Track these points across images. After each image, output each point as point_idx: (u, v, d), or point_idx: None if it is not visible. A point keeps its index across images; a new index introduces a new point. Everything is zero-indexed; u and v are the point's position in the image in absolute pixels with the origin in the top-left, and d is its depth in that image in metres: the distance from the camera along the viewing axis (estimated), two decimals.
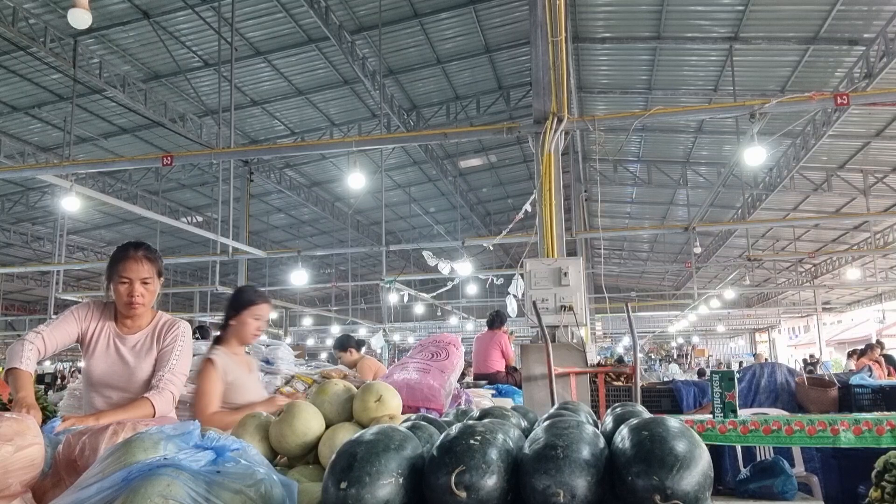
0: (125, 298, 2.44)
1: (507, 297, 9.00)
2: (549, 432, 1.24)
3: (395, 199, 18.52)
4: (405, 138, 11.53)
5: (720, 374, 5.36)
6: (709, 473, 1.15)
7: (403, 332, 27.94)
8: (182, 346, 2.52)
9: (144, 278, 2.45)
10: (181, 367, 2.49)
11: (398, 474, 1.18)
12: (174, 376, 2.44)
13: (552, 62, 6.12)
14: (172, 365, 2.45)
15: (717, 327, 30.78)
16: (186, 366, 2.54)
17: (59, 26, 9.53)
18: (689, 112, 10.20)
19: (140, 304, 2.46)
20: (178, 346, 2.50)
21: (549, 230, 5.84)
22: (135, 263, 2.44)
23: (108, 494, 1.12)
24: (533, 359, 5.20)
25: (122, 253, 2.48)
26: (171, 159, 8.36)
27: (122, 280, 2.43)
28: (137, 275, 2.43)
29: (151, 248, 2.53)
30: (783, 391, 6.61)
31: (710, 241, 21.11)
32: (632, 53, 11.44)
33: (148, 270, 2.46)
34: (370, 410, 2.17)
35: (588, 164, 16.24)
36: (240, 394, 2.83)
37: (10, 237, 18.04)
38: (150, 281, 2.47)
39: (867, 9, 9.07)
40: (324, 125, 14.12)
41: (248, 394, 2.85)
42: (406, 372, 3.34)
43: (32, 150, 13.09)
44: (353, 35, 10.80)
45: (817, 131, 11.47)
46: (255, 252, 12.87)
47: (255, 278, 24.06)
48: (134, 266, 2.43)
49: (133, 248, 2.49)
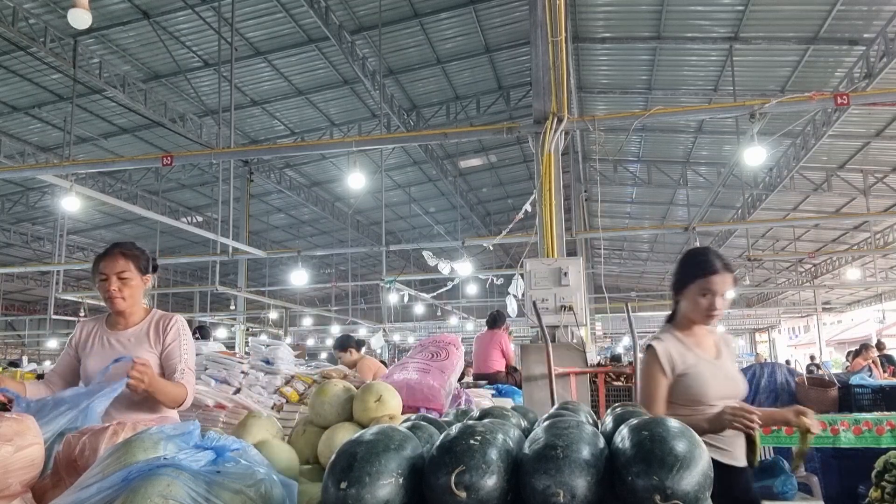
0: (105, 294, 2.52)
1: (507, 297, 8.99)
2: (549, 432, 1.24)
3: (395, 199, 18.52)
4: (405, 138, 11.53)
5: None
6: (709, 473, 1.15)
7: (403, 332, 27.94)
8: (185, 340, 2.58)
9: (119, 273, 2.50)
10: (190, 361, 2.56)
11: (398, 474, 1.18)
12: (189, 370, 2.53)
13: (552, 62, 6.12)
14: (185, 359, 2.54)
15: (717, 327, 30.78)
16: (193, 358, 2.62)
17: (59, 26, 9.53)
18: (689, 112, 10.19)
19: (118, 297, 2.51)
20: (182, 340, 2.56)
21: (549, 230, 5.84)
22: (110, 260, 2.52)
23: (108, 494, 1.12)
24: (533, 359, 5.20)
25: (101, 252, 2.60)
26: (171, 159, 8.35)
27: (100, 277, 2.51)
28: (112, 270, 2.50)
29: (129, 245, 2.59)
30: (783, 391, 6.61)
31: (710, 241, 21.07)
32: (632, 53, 11.44)
33: (123, 265, 2.52)
34: (370, 410, 2.17)
35: (588, 164, 16.24)
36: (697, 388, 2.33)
37: (10, 237, 18.05)
38: (126, 276, 2.52)
39: (867, 9, 9.07)
40: (324, 125, 14.13)
41: (711, 387, 2.33)
42: (406, 372, 3.35)
43: (32, 150, 13.09)
44: (353, 35, 10.80)
45: (817, 131, 11.47)
46: (255, 252, 12.87)
47: (256, 278, 24.10)
48: (109, 262, 2.51)
49: (111, 246, 2.59)
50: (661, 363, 2.35)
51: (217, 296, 21.94)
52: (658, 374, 2.36)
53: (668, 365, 2.35)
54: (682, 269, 2.44)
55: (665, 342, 2.40)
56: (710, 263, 2.35)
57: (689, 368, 2.34)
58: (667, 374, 2.35)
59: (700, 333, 2.46)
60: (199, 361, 4.13)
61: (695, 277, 2.37)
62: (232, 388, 3.82)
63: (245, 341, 16.78)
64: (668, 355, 2.36)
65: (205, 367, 4.04)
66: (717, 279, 2.34)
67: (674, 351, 2.37)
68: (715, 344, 2.46)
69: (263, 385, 3.82)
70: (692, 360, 2.35)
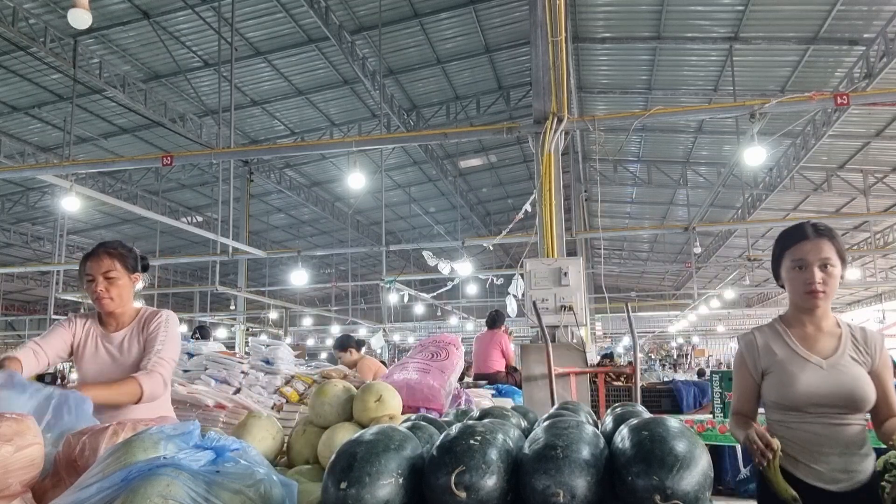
0: (93, 295, 2.49)
1: (507, 297, 8.99)
2: (549, 432, 1.24)
3: (395, 199, 18.52)
4: (405, 138, 11.53)
5: (720, 374, 5.37)
6: (709, 473, 1.15)
7: (403, 332, 27.93)
8: (167, 332, 2.52)
9: (106, 272, 2.47)
10: (168, 353, 2.48)
11: (398, 474, 1.18)
12: (161, 359, 2.44)
13: (552, 62, 6.12)
14: (158, 349, 2.46)
15: (718, 327, 30.76)
16: (174, 351, 2.53)
17: (59, 26, 9.53)
18: (689, 112, 10.19)
19: (105, 297, 2.48)
20: (161, 332, 2.51)
21: (549, 230, 5.84)
22: (95, 260, 2.49)
23: (108, 494, 1.12)
24: (533, 359, 5.20)
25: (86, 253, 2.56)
26: (171, 159, 8.35)
27: (87, 277, 2.49)
28: (98, 270, 2.47)
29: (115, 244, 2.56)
30: None
31: (710, 241, 21.11)
32: (632, 53, 11.45)
33: (109, 265, 2.49)
34: (370, 410, 2.17)
35: (588, 164, 16.25)
36: (779, 388, 1.99)
37: (10, 237, 18.05)
38: (113, 275, 2.49)
39: (867, 9, 9.07)
40: (324, 125, 14.13)
41: (797, 388, 1.95)
42: (406, 372, 3.35)
43: (32, 150, 13.09)
44: (353, 35, 10.80)
45: (817, 131, 11.47)
46: (255, 252, 12.87)
47: (256, 278, 24.10)
48: (94, 263, 2.49)
49: (96, 246, 2.55)
50: (744, 357, 2.08)
51: (217, 296, 21.93)
52: (741, 368, 2.09)
53: (751, 359, 2.06)
54: (775, 246, 2.09)
55: (758, 333, 2.10)
56: (799, 229, 2.02)
57: (774, 364, 2.01)
58: (751, 370, 2.06)
59: (815, 325, 2.03)
60: (199, 361, 4.13)
61: (784, 250, 2.04)
62: (232, 388, 3.82)
63: (245, 341, 16.79)
64: (754, 348, 2.06)
65: (205, 367, 4.04)
66: (809, 246, 1.97)
67: (763, 343, 2.06)
68: (840, 340, 2.01)
69: (263, 385, 3.82)
70: (782, 355, 2.01)
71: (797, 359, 1.99)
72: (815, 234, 1.98)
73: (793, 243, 2.00)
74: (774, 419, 2.03)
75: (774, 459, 1.80)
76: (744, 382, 2.09)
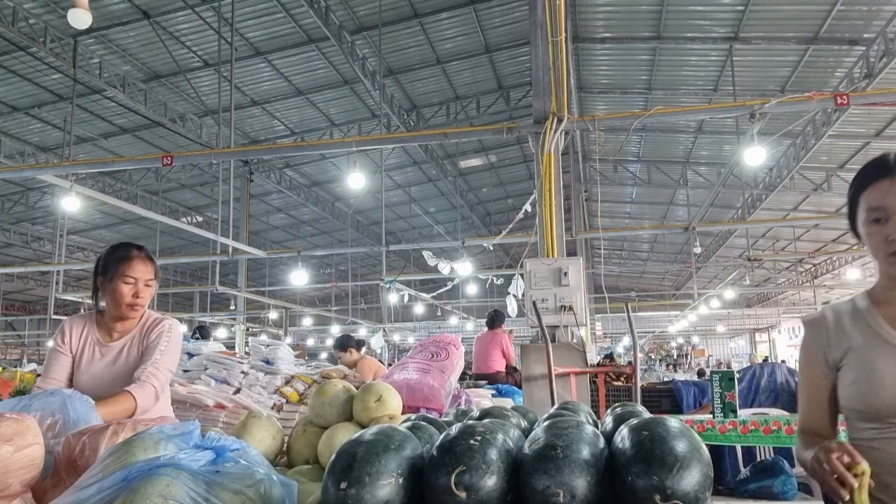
0: (128, 299, 2.39)
1: (507, 297, 8.99)
2: (549, 432, 1.24)
3: (395, 199, 18.52)
4: (405, 138, 11.53)
5: (720, 374, 5.37)
6: (709, 473, 1.15)
7: (403, 332, 27.93)
8: (168, 341, 2.45)
9: (148, 280, 2.43)
10: (165, 363, 2.41)
11: (398, 474, 1.18)
12: (157, 370, 2.37)
13: (552, 62, 6.12)
14: (156, 359, 2.39)
15: (717, 327, 30.77)
16: (172, 362, 2.47)
17: (59, 26, 9.53)
18: (689, 112, 10.20)
19: (141, 305, 2.44)
20: (163, 341, 2.43)
21: (549, 230, 5.84)
22: (140, 264, 2.42)
23: (107, 494, 1.12)
24: (533, 359, 5.20)
25: (125, 252, 2.43)
26: (171, 159, 8.36)
27: (128, 280, 2.39)
28: (143, 275, 2.41)
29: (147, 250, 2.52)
30: (783, 391, 6.62)
31: (710, 241, 21.12)
32: (632, 53, 11.45)
33: (150, 272, 2.45)
34: (370, 410, 2.17)
35: (588, 164, 16.25)
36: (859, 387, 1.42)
37: (10, 237, 18.05)
38: (151, 283, 2.45)
39: (867, 9, 9.07)
40: (324, 125, 14.13)
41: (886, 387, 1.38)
42: (406, 372, 3.35)
43: (32, 150, 13.10)
44: (353, 35, 10.80)
45: (817, 131, 11.48)
46: (255, 252, 12.88)
47: (256, 278, 24.10)
48: (140, 266, 2.41)
49: (135, 248, 2.46)
50: (810, 347, 1.52)
51: (217, 296, 21.94)
52: (807, 365, 1.53)
53: (819, 348, 1.50)
54: (850, 188, 1.51)
55: (829, 312, 1.53)
56: (879, 163, 1.44)
57: (849, 354, 1.45)
58: (818, 363, 1.50)
59: None
60: (199, 361, 4.13)
61: (858, 192, 1.47)
62: (232, 388, 3.82)
63: (245, 341, 16.78)
64: (822, 332, 1.50)
65: (205, 367, 4.04)
66: (886, 185, 1.39)
67: (835, 325, 1.50)
68: None
69: (263, 385, 3.82)
70: (860, 342, 1.44)
71: (883, 346, 1.41)
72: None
73: (869, 182, 1.43)
74: (863, 429, 1.43)
75: (862, 491, 1.21)
76: (811, 384, 1.51)
